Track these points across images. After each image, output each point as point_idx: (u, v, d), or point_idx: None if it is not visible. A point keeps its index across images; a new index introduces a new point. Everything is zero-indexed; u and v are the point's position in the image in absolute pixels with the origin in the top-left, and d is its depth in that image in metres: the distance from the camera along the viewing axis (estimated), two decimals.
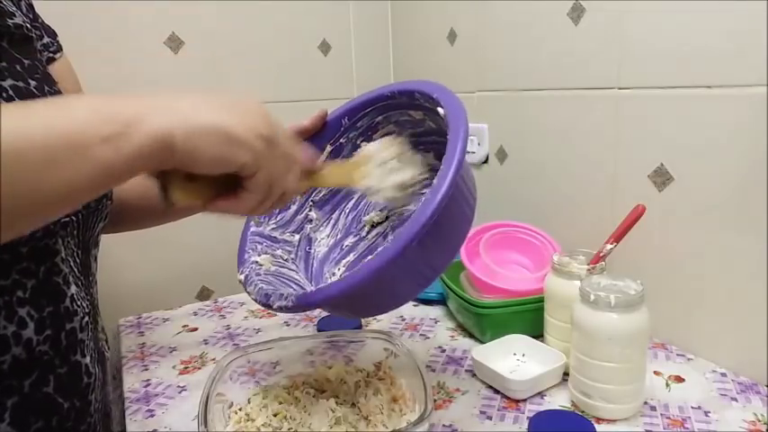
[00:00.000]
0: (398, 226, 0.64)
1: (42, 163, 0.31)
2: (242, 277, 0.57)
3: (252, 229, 0.61)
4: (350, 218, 0.67)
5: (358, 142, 0.63)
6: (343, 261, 0.66)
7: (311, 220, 0.66)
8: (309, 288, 0.55)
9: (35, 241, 0.44)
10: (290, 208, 0.64)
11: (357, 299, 0.50)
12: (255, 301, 0.53)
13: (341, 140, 0.63)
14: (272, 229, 0.63)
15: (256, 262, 0.59)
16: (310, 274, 0.65)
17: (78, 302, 0.49)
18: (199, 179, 0.40)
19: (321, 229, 0.67)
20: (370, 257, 0.59)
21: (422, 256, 0.48)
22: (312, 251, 0.66)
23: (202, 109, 0.37)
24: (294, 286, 0.59)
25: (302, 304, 0.48)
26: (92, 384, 0.51)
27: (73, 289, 0.49)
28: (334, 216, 0.67)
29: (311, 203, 0.66)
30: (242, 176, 0.40)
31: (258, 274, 0.57)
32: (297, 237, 0.65)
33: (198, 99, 0.38)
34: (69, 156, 0.32)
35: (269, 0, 1.12)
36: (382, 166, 0.54)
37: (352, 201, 0.68)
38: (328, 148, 0.63)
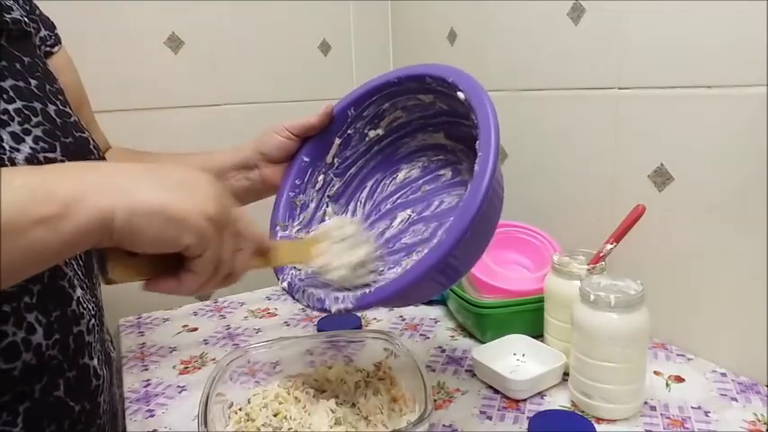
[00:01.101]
0: (427, 217, 0.64)
1: None
2: (285, 285, 0.56)
3: (279, 234, 0.60)
4: (367, 207, 0.66)
5: (366, 131, 0.63)
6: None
7: (329, 216, 0.66)
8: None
9: None
10: (308, 207, 0.63)
11: (408, 295, 0.50)
12: (309, 307, 0.53)
13: (348, 132, 0.63)
14: (298, 230, 0.62)
15: (294, 267, 0.58)
16: None
17: (84, 305, 0.49)
18: (139, 256, 0.38)
19: None
20: (418, 253, 0.59)
21: (470, 248, 0.48)
22: None
23: (145, 187, 0.35)
24: (335, 287, 0.58)
25: (361, 306, 0.49)
26: (100, 386, 0.50)
27: (78, 292, 0.48)
28: (350, 207, 0.66)
29: (327, 198, 0.66)
30: (187, 257, 0.38)
31: (301, 280, 0.56)
32: None
33: (141, 176, 0.36)
34: (5, 236, 0.30)
35: (269, 0, 1.12)
36: (338, 244, 0.54)
37: (366, 190, 0.67)
38: (337, 141, 0.63)
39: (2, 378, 0.41)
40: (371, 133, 0.63)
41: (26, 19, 0.53)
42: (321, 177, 0.64)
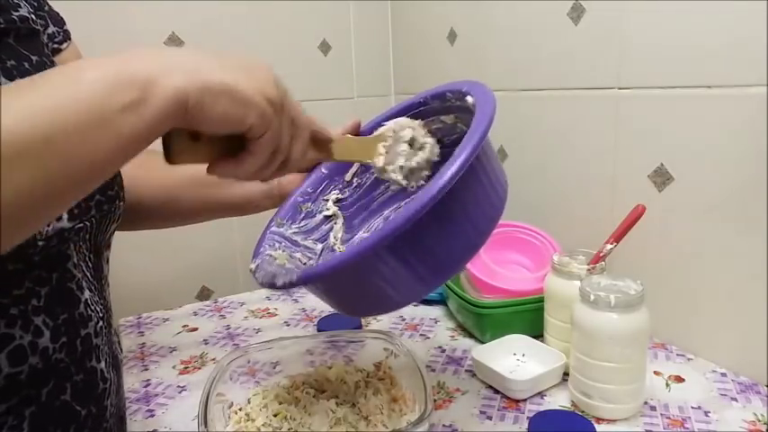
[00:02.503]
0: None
1: (63, 143, 0.30)
2: (253, 266, 0.54)
3: (273, 228, 0.59)
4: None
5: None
6: None
7: (336, 232, 0.64)
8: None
9: (47, 249, 0.43)
10: (314, 216, 0.62)
11: (363, 279, 0.47)
12: (261, 284, 0.50)
13: None
14: (294, 233, 0.61)
15: (270, 255, 0.56)
16: None
17: (92, 307, 0.48)
18: (202, 139, 0.39)
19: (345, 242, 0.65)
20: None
21: (428, 239, 0.45)
22: None
23: (212, 67, 0.36)
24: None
25: (307, 278, 0.45)
26: (107, 390, 0.50)
27: (86, 294, 0.48)
28: (363, 231, 0.65)
29: (341, 215, 0.64)
30: (247, 138, 0.40)
31: (270, 265, 0.55)
32: (319, 246, 0.63)
33: (207, 57, 0.37)
34: (91, 132, 0.31)
35: (269, 0, 1.12)
36: (401, 145, 0.52)
37: (381, 218, 0.65)
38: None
39: (8, 382, 0.41)
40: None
41: (34, 16, 0.52)
42: (336, 193, 0.63)
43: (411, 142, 0.53)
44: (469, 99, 0.49)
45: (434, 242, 0.46)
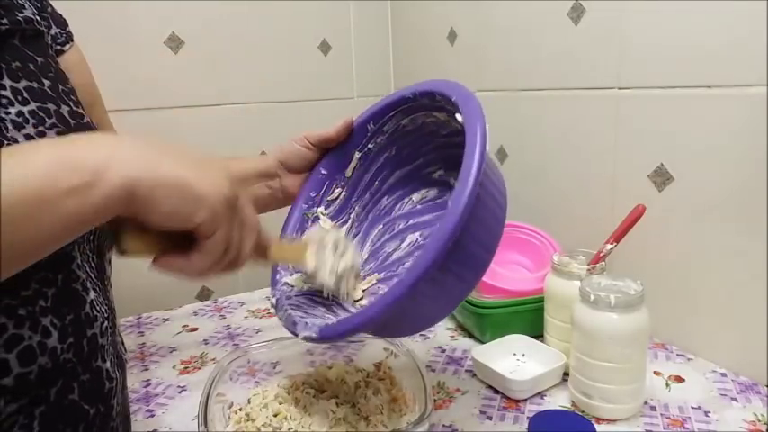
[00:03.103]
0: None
1: (6, 224, 0.30)
2: (273, 301, 0.56)
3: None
4: (383, 224, 0.66)
5: (386, 146, 0.62)
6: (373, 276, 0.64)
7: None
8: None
9: (53, 252, 0.44)
10: (318, 221, 0.63)
11: (378, 327, 0.49)
12: (285, 327, 0.53)
13: (368, 146, 0.62)
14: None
15: (287, 283, 0.58)
16: None
17: (97, 307, 0.49)
18: (152, 231, 0.38)
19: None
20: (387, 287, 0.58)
21: (446, 277, 0.46)
22: None
23: (168, 161, 0.36)
24: (322, 309, 0.57)
25: (325, 337, 0.47)
26: (113, 389, 0.50)
27: (91, 294, 0.48)
28: (366, 224, 0.65)
29: (347, 214, 0.65)
30: (197, 236, 0.39)
31: (289, 297, 0.56)
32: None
33: (163, 150, 0.37)
34: (33, 213, 0.31)
35: (269, 0, 1.12)
36: (329, 250, 0.54)
37: (382, 207, 0.66)
38: (357, 156, 0.62)
39: (19, 381, 0.41)
40: (393, 150, 0.62)
41: (38, 17, 0.52)
42: (339, 191, 0.63)
43: (335, 247, 0.55)
44: (459, 117, 0.49)
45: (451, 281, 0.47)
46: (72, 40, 0.60)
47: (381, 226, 0.65)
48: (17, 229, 0.31)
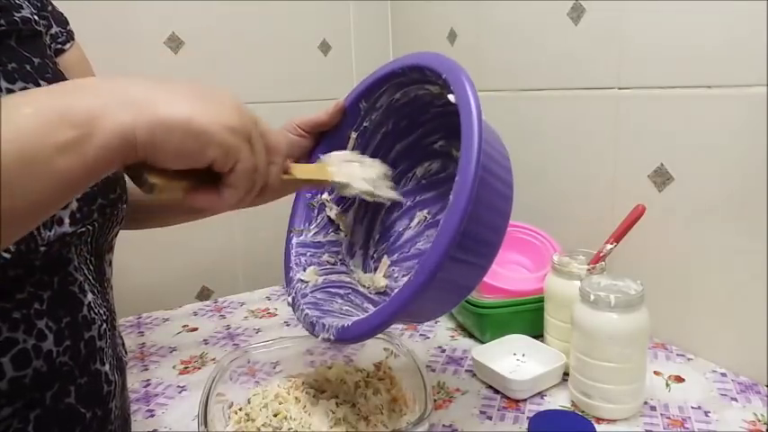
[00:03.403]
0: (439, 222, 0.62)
1: (2, 182, 0.28)
2: (290, 299, 0.56)
3: (293, 241, 0.59)
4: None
5: (382, 122, 0.60)
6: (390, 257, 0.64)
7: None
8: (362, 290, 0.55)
9: (49, 253, 0.43)
10: (326, 206, 0.62)
11: (398, 320, 0.49)
12: (303, 328, 0.53)
13: (364, 124, 0.60)
14: (315, 233, 0.61)
15: (301, 280, 0.57)
16: (367, 263, 0.63)
17: (96, 310, 0.48)
18: (173, 171, 0.36)
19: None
20: (402, 283, 0.57)
21: (459, 266, 0.46)
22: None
23: (165, 99, 0.33)
24: (339, 302, 0.57)
25: (343, 338, 0.47)
26: (112, 392, 0.50)
27: (89, 297, 0.48)
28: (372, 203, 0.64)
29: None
30: (218, 172, 0.37)
31: (304, 295, 0.56)
32: (341, 233, 0.63)
33: (161, 87, 0.34)
34: (26, 174, 0.29)
35: (269, 0, 1.12)
36: (349, 164, 0.53)
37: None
38: (353, 135, 0.60)
39: (13, 385, 0.41)
40: (390, 124, 0.61)
41: (36, 17, 0.52)
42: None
43: (357, 161, 0.54)
44: (451, 98, 0.48)
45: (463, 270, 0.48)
46: (73, 39, 0.60)
47: (388, 203, 0.64)
48: (15, 190, 0.29)
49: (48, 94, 0.32)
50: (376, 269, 0.63)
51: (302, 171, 0.50)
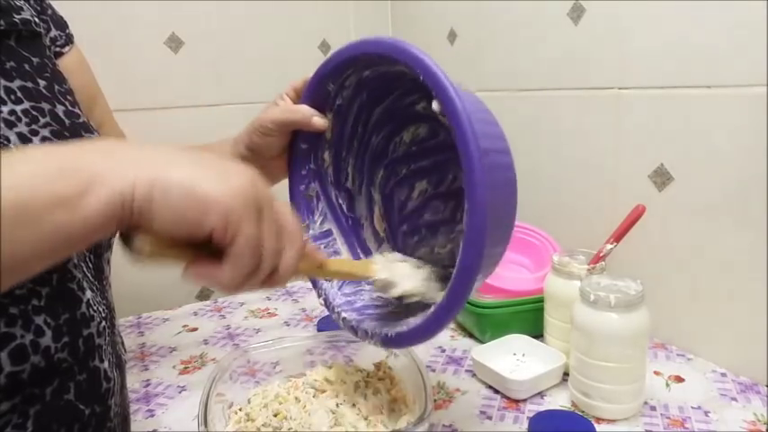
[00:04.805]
0: (443, 194, 0.62)
1: None
2: (321, 300, 0.57)
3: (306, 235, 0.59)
4: (383, 167, 0.64)
5: (355, 96, 0.58)
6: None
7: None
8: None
9: None
10: (321, 198, 0.61)
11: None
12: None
13: (337, 102, 0.57)
14: (321, 223, 0.61)
15: (329, 279, 0.57)
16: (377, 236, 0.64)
17: (95, 307, 0.49)
18: (171, 239, 0.34)
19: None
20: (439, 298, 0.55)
21: (492, 252, 0.48)
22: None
23: (172, 161, 0.33)
24: (367, 288, 0.58)
25: (390, 346, 0.51)
26: (111, 389, 0.50)
27: (88, 294, 0.48)
28: (366, 172, 0.63)
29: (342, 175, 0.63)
30: (219, 244, 0.34)
31: (335, 296, 0.57)
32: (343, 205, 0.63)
33: (164, 152, 0.33)
34: (20, 223, 0.28)
35: (269, 0, 1.12)
36: (394, 263, 0.55)
37: (374, 149, 0.62)
38: (329, 116, 0.58)
39: (10, 380, 0.41)
40: (363, 95, 0.58)
41: (36, 19, 0.52)
42: (326, 155, 0.60)
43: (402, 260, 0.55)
44: (435, 105, 0.46)
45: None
46: (72, 42, 0.60)
47: (383, 171, 0.63)
48: (4, 240, 0.28)
49: (57, 151, 0.32)
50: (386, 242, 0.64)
51: (339, 265, 0.51)
